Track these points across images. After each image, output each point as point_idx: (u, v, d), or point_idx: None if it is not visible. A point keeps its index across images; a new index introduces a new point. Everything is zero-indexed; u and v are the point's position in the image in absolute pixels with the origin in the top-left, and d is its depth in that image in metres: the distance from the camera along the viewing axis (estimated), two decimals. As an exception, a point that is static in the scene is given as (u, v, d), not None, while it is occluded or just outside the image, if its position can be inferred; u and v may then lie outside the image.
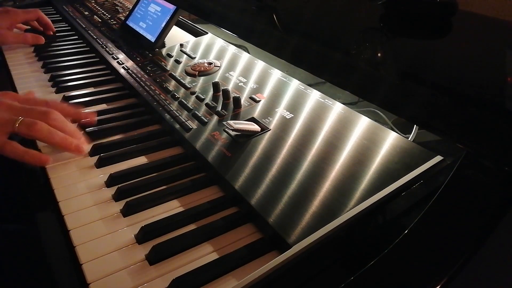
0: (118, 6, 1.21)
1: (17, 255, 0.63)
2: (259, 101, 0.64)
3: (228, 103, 0.65)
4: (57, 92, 0.80)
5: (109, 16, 1.14)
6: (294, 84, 0.67)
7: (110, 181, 0.55)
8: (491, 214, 0.36)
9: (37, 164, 0.58)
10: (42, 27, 1.09)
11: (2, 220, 0.71)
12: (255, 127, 0.57)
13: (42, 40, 1.03)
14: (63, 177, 0.56)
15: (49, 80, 0.85)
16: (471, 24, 0.70)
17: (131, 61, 0.85)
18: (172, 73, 0.77)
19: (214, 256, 0.44)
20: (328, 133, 0.54)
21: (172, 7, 0.90)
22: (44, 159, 0.58)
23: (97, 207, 0.51)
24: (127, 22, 1.01)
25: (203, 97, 0.68)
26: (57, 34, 1.10)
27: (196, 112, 0.64)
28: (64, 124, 0.61)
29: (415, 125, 0.64)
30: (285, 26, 0.74)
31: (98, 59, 0.94)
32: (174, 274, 0.41)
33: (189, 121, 0.63)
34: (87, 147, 0.62)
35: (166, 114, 0.66)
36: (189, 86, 0.72)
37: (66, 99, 0.75)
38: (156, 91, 0.72)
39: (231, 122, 0.55)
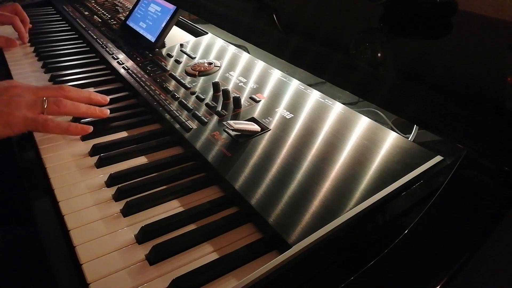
0: (118, 6, 1.21)
1: (17, 255, 0.63)
2: (259, 101, 0.64)
3: (228, 103, 0.65)
4: (57, 92, 0.80)
5: (109, 16, 1.14)
6: (294, 84, 0.67)
7: (110, 181, 0.55)
8: (491, 214, 0.36)
9: (81, 134, 0.64)
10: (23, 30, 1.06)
11: (2, 221, 0.71)
12: (255, 127, 0.57)
13: (15, 44, 1.01)
14: (63, 177, 0.56)
15: (49, 80, 0.85)
16: (471, 24, 0.70)
17: (131, 61, 0.85)
18: (172, 73, 0.77)
19: (214, 256, 0.44)
20: (328, 133, 0.54)
21: (172, 7, 0.90)
22: (87, 128, 0.64)
23: (97, 207, 0.51)
24: (127, 22, 1.01)
25: (203, 97, 0.68)
26: (57, 34, 1.10)
27: (196, 112, 0.64)
28: (78, 92, 0.67)
29: (415, 125, 0.64)
30: (285, 26, 0.74)
31: (98, 59, 0.94)
32: (174, 274, 0.41)
33: (189, 121, 0.63)
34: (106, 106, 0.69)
35: (166, 114, 0.66)
36: (189, 86, 0.72)
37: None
38: (156, 91, 0.72)
39: (231, 122, 0.55)
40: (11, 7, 1.06)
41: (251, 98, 0.65)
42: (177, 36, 0.94)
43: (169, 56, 0.85)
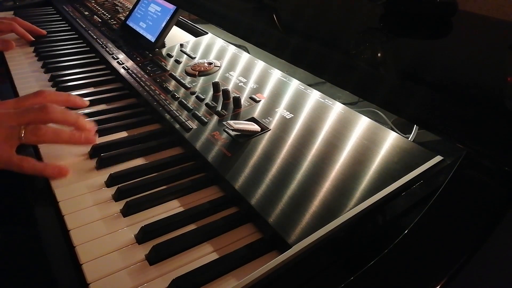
0: (118, 6, 1.21)
1: (17, 255, 0.63)
2: (259, 101, 0.64)
3: (228, 103, 0.65)
4: (57, 92, 0.80)
5: (109, 16, 1.14)
6: (294, 84, 0.67)
7: (110, 181, 0.55)
8: (491, 214, 0.36)
9: (58, 177, 0.55)
10: (27, 33, 1.04)
11: (2, 221, 0.71)
12: (255, 127, 0.57)
13: (12, 46, 1.00)
14: (63, 177, 0.56)
15: (49, 80, 0.85)
16: (471, 24, 0.70)
17: (131, 61, 0.85)
18: (172, 73, 0.77)
19: (214, 256, 0.44)
20: (328, 133, 0.54)
21: (172, 7, 0.90)
22: (65, 171, 0.56)
23: (97, 207, 0.51)
24: (127, 22, 1.01)
25: (203, 97, 0.68)
26: (57, 34, 1.10)
27: (196, 112, 0.64)
28: (64, 114, 0.59)
29: (415, 125, 0.64)
30: (285, 26, 0.74)
31: (98, 59, 0.94)
32: (174, 274, 0.41)
33: (189, 121, 0.63)
34: (94, 132, 0.62)
35: (166, 114, 0.66)
36: (189, 86, 0.72)
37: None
38: (156, 91, 0.72)
39: (231, 122, 0.55)
40: (10, 19, 1.04)
41: (251, 98, 0.65)
42: (177, 36, 0.94)
43: (169, 56, 0.85)
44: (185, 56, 0.83)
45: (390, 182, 0.44)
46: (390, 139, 0.51)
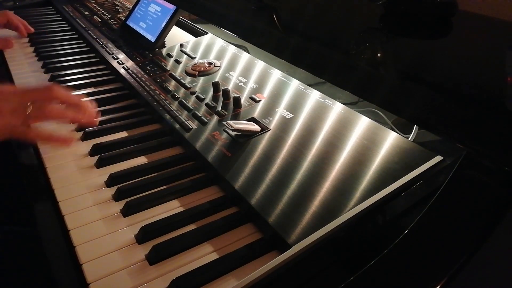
0: (118, 6, 1.21)
1: (17, 255, 0.63)
2: (259, 101, 0.64)
3: (228, 103, 0.65)
4: (57, 92, 0.80)
5: (109, 16, 1.14)
6: (294, 84, 0.67)
7: (110, 181, 0.55)
8: (491, 214, 0.36)
9: (63, 145, 0.60)
10: (19, 28, 1.05)
11: (2, 221, 0.71)
12: (255, 127, 0.57)
13: (11, 44, 1.00)
14: (63, 177, 0.56)
15: (49, 80, 0.85)
16: (471, 24, 0.70)
17: (131, 61, 0.85)
18: (172, 73, 0.77)
19: (214, 256, 0.44)
20: (328, 133, 0.54)
21: (172, 7, 0.90)
22: (70, 140, 0.60)
23: (97, 207, 0.51)
24: (127, 22, 1.01)
25: (203, 97, 0.68)
26: (57, 34, 1.10)
27: (196, 112, 0.64)
28: (68, 94, 0.62)
29: (415, 125, 0.64)
30: (285, 26, 0.74)
31: (98, 59, 0.94)
32: (174, 274, 0.41)
33: (189, 121, 0.63)
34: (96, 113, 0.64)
35: (166, 114, 0.66)
36: (189, 86, 0.72)
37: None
38: (156, 91, 0.72)
39: (231, 122, 0.55)
40: (2, 13, 1.05)
41: (251, 98, 0.65)
42: (177, 36, 0.94)
43: (169, 56, 0.85)
44: (185, 56, 0.83)
45: (390, 182, 0.44)
46: (390, 139, 0.51)
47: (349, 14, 0.81)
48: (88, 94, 0.78)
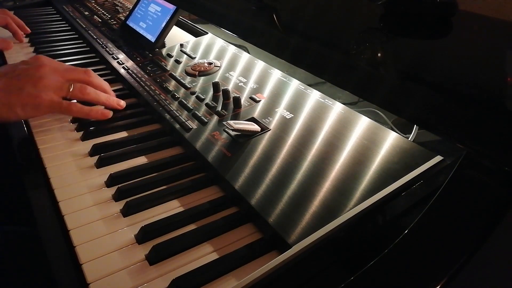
0: (118, 6, 1.21)
1: (17, 256, 0.63)
2: (259, 101, 0.64)
3: (228, 103, 0.65)
4: (57, 92, 0.80)
5: (109, 16, 1.14)
6: (294, 84, 0.67)
7: (110, 181, 0.55)
8: (491, 214, 0.36)
9: (102, 118, 0.68)
10: (17, 33, 1.05)
11: (2, 221, 0.71)
12: (255, 127, 0.57)
13: (10, 46, 1.01)
14: (63, 177, 0.56)
15: (49, 80, 0.84)
16: (471, 24, 0.70)
17: (131, 61, 0.85)
18: (172, 73, 0.77)
19: (214, 256, 0.44)
20: (328, 133, 0.54)
21: (172, 7, 0.90)
22: (108, 113, 0.69)
23: (97, 207, 0.51)
24: (127, 22, 1.01)
25: (203, 97, 0.68)
26: (57, 34, 1.10)
27: (196, 112, 0.64)
28: (100, 80, 0.71)
29: (415, 125, 0.64)
30: (285, 26, 0.74)
31: (98, 59, 0.94)
32: (174, 274, 0.41)
33: (189, 121, 0.63)
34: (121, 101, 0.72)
35: (166, 114, 0.66)
36: (189, 86, 0.72)
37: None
38: (156, 91, 0.72)
39: (231, 122, 0.55)
40: (2, 11, 1.05)
41: (251, 98, 0.65)
42: (177, 36, 0.94)
43: (169, 56, 0.85)
44: (185, 56, 0.83)
45: (390, 182, 0.44)
46: (390, 139, 0.51)
47: (349, 14, 0.81)
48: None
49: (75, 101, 0.67)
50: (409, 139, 0.55)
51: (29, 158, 0.62)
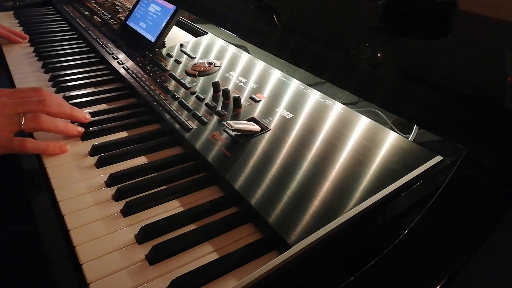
0: (118, 6, 1.21)
1: (17, 255, 0.63)
2: (259, 101, 0.64)
3: (228, 103, 0.65)
4: (57, 92, 0.80)
5: (109, 16, 1.14)
6: (294, 84, 0.67)
7: (110, 181, 0.55)
8: (491, 214, 0.36)
9: (59, 153, 0.61)
10: (10, 37, 1.05)
11: (2, 221, 0.71)
12: (255, 127, 0.57)
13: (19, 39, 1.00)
14: (63, 177, 0.56)
15: (49, 80, 0.85)
16: (471, 24, 0.70)
17: (131, 61, 0.85)
18: (172, 73, 0.77)
19: (214, 256, 0.44)
20: (328, 133, 0.54)
21: (172, 7, 0.90)
22: (64, 148, 0.61)
23: (97, 207, 0.51)
24: (127, 22, 1.01)
25: (203, 97, 0.68)
26: (57, 34, 1.10)
27: (196, 112, 0.64)
28: (59, 107, 0.63)
29: (415, 125, 0.64)
30: (285, 26, 0.74)
31: (98, 59, 0.94)
32: (174, 274, 0.41)
33: (189, 121, 0.63)
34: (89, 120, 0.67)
35: (166, 114, 0.66)
36: (189, 86, 0.72)
37: (66, 99, 0.75)
38: (156, 91, 0.72)
39: (231, 122, 0.55)
40: None
41: (251, 98, 0.65)
42: (177, 36, 0.94)
43: (169, 56, 0.85)
44: (185, 56, 0.83)
45: (390, 182, 0.44)
46: (390, 139, 0.51)
47: (349, 14, 0.81)
48: (88, 94, 0.78)
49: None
50: (409, 139, 0.55)
51: (29, 158, 0.62)
